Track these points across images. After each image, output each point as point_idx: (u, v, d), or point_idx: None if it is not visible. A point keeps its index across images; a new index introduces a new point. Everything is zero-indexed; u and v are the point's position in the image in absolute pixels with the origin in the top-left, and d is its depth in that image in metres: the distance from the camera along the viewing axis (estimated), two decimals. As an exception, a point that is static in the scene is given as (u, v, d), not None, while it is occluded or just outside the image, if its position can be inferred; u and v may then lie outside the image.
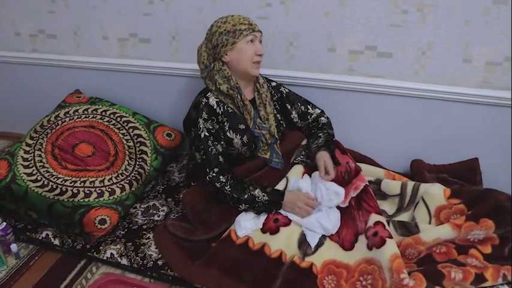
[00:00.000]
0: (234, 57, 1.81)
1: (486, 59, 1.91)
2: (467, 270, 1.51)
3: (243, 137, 1.87)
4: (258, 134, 1.88)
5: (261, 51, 1.83)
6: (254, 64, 1.83)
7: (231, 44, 1.79)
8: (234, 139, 1.87)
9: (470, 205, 1.74)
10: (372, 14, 1.96)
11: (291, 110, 2.04)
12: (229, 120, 1.86)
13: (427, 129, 2.12)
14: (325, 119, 2.05)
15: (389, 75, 2.07)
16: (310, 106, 2.06)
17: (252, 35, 1.79)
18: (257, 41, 1.83)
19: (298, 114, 2.04)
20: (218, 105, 1.85)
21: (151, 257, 1.76)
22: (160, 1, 2.21)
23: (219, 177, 1.77)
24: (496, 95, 1.94)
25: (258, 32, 1.82)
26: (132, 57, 2.43)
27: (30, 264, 1.84)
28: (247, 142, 1.88)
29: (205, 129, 1.80)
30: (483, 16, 1.83)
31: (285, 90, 2.04)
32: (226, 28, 1.79)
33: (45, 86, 2.65)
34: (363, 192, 1.80)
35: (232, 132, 1.86)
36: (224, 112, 1.86)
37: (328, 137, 1.95)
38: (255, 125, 1.88)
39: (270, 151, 1.92)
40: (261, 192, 1.75)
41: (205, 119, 1.81)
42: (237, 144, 1.87)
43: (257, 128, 1.88)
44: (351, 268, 1.62)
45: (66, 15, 2.42)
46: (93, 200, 1.88)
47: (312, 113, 2.05)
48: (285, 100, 2.03)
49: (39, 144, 2.11)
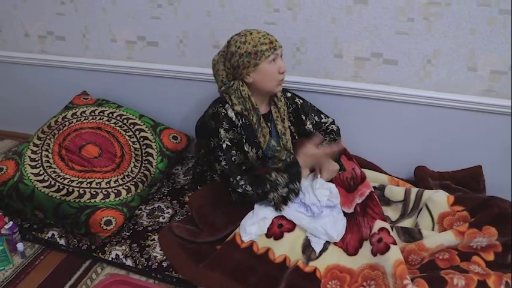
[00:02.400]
0: (258, 78, 1.79)
1: (491, 68, 1.93)
2: (469, 277, 1.51)
3: (258, 152, 1.88)
4: (271, 155, 1.89)
5: (284, 68, 1.81)
6: (279, 82, 1.82)
7: (253, 66, 1.76)
8: (250, 152, 1.87)
9: (474, 212, 1.74)
10: (378, 22, 1.97)
11: (306, 121, 2.03)
12: (246, 133, 1.86)
13: (432, 136, 2.13)
14: (336, 126, 2.07)
15: (395, 82, 2.08)
16: (323, 116, 2.07)
17: (274, 55, 1.76)
18: (279, 59, 1.80)
19: (313, 124, 2.04)
20: (237, 117, 1.84)
21: (156, 258, 1.78)
22: (168, 5, 2.23)
23: (239, 183, 1.75)
24: (501, 103, 1.95)
25: (279, 49, 1.79)
26: (139, 60, 2.44)
27: (36, 263, 1.85)
28: (261, 157, 1.89)
29: (227, 139, 1.78)
30: (488, 25, 1.85)
31: (300, 101, 2.04)
32: (247, 50, 1.75)
33: (53, 87, 2.67)
34: (368, 199, 1.82)
35: (249, 145, 1.87)
36: (242, 124, 1.86)
37: (331, 140, 1.97)
38: (268, 148, 1.89)
39: None
40: (278, 174, 1.74)
41: (226, 129, 1.79)
42: (251, 158, 1.87)
43: (270, 151, 1.89)
44: (355, 273, 1.63)
45: (75, 18, 2.44)
46: (99, 201, 1.90)
47: (325, 121, 2.07)
48: (300, 111, 2.02)
49: (47, 145, 2.13)
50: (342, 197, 1.87)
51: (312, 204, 1.75)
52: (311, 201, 1.76)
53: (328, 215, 1.76)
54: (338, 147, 1.83)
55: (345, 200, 1.87)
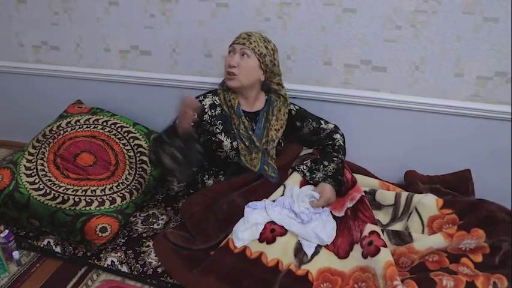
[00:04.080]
0: None
1: (477, 74, 1.97)
2: (458, 278, 1.53)
3: (233, 142, 1.92)
4: (243, 135, 1.93)
5: (232, 63, 1.86)
6: (227, 76, 1.89)
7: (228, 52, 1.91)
8: (224, 141, 1.91)
9: (462, 215, 1.78)
10: (367, 30, 2.01)
11: (301, 127, 2.05)
12: (224, 123, 1.91)
13: (421, 140, 2.17)
14: (341, 136, 2.07)
15: (384, 88, 2.12)
16: (322, 122, 2.07)
17: (231, 47, 1.89)
18: (234, 54, 1.88)
19: (310, 130, 2.05)
20: (212, 108, 1.92)
21: (151, 264, 1.80)
22: (161, 14, 2.26)
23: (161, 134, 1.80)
24: (487, 108, 2.00)
25: (237, 45, 1.88)
26: (133, 69, 2.47)
27: (32, 271, 1.86)
28: (236, 148, 1.93)
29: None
30: (474, 33, 1.89)
31: (295, 108, 2.06)
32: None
33: (47, 96, 2.68)
34: (359, 203, 1.85)
35: (224, 135, 1.91)
36: (218, 115, 1.92)
37: (338, 165, 1.95)
38: (239, 127, 1.94)
39: (266, 166, 1.96)
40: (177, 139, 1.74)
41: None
42: (226, 147, 1.92)
43: (243, 130, 1.94)
44: (346, 276, 1.66)
45: (69, 28, 2.46)
46: (95, 209, 1.91)
47: (325, 128, 2.06)
48: (294, 118, 2.04)
49: (42, 154, 2.14)
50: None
51: (301, 213, 1.80)
52: (300, 209, 1.81)
53: (317, 219, 1.80)
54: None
55: (335, 204, 1.91)
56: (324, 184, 1.90)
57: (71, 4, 2.39)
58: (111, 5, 2.33)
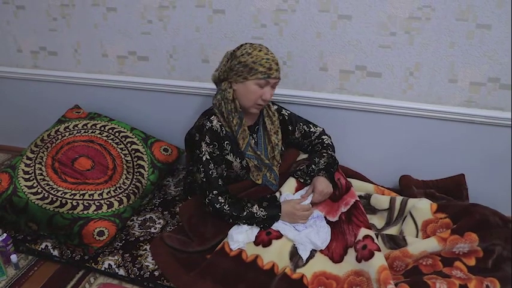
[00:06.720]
0: (240, 91, 1.82)
1: (470, 80, 2.00)
2: (451, 282, 1.55)
3: (242, 161, 1.93)
4: (250, 156, 1.93)
5: (268, 98, 1.82)
6: (256, 105, 1.85)
7: (243, 78, 1.79)
8: (234, 162, 1.91)
9: (456, 219, 1.80)
10: (362, 36, 2.04)
11: (293, 131, 2.07)
12: (230, 144, 1.90)
13: (415, 146, 2.19)
14: (328, 137, 2.10)
15: (379, 94, 2.14)
16: (311, 125, 2.09)
17: (264, 81, 1.78)
18: (268, 87, 1.80)
19: (301, 133, 2.08)
20: (221, 128, 1.88)
21: (148, 267, 1.81)
22: (158, 20, 2.28)
23: (217, 198, 1.82)
24: (481, 113, 2.02)
25: (273, 80, 1.80)
26: (130, 75, 2.49)
27: (30, 274, 1.87)
28: (246, 166, 1.93)
29: (207, 153, 1.84)
30: (467, 39, 1.92)
31: (287, 112, 2.07)
32: (247, 62, 1.76)
33: (46, 101, 2.70)
34: (353, 208, 1.86)
35: (233, 155, 1.91)
36: (224, 136, 1.89)
37: (329, 159, 1.98)
38: (246, 150, 1.93)
39: (268, 173, 1.98)
40: (258, 208, 1.80)
41: (207, 143, 1.84)
42: (236, 167, 1.92)
43: (251, 161, 1.93)
44: (340, 279, 1.68)
45: (67, 33, 2.48)
46: (92, 213, 1.92)
47: (314, 131, 2.09)
48: (287, 122, 2.06)
49: (40, 158, 2.16)
50: (327, 206, 1.93)
51: (295, 224, 1.83)
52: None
53: (311, 225, 1.82)
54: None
55: (329, 209, 1.93)
56: (316, 177, 1.91)
57: (69, 10, 2.41)
58: (109, 11, 2.35)
